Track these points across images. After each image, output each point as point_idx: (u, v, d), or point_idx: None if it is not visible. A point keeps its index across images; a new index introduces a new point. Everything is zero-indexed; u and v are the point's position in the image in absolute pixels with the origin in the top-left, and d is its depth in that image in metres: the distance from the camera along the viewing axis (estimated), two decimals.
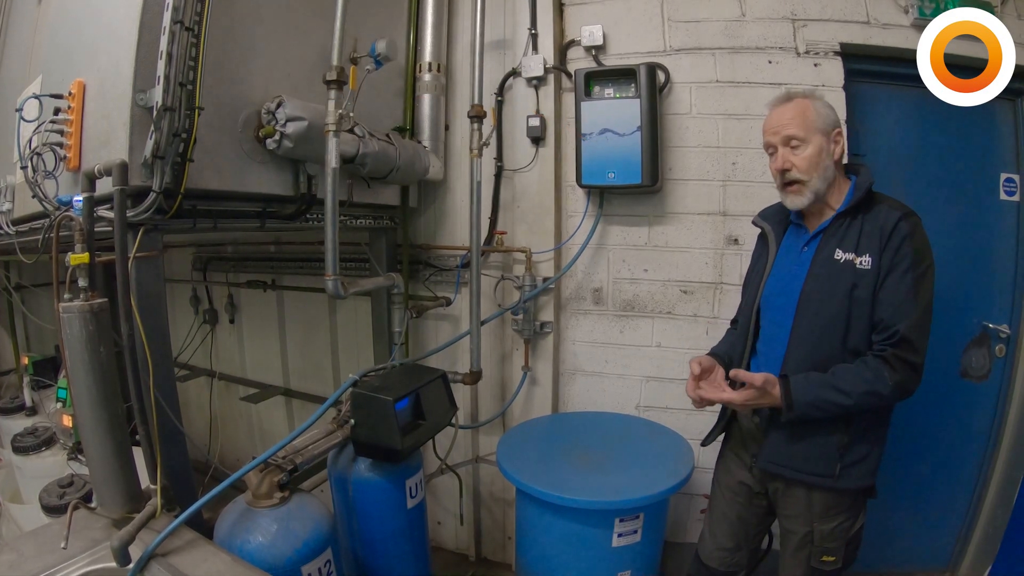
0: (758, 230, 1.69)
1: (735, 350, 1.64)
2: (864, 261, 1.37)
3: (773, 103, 1.51)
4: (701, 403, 1.50)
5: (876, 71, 2.19)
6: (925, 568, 2.44)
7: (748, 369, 1.58)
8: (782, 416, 1.39)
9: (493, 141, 2.43)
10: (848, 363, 1.38)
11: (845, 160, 1.51)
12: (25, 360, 3.08)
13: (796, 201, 1.46)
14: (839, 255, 1.41)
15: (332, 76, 1.67)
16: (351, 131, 1.83)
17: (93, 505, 1.49)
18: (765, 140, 1.50)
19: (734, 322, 1.80)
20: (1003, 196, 2.22)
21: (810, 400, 1.35)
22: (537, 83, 2.37)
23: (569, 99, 2.38)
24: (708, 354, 1.66)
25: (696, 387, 1.50)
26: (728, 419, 1.67)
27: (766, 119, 1.51)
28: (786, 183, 1.46)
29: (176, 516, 1.35)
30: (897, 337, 1.32)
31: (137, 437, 1.45)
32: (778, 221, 1.62)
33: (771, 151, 1.49)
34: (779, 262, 1.56)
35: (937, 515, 2.40)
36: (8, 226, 2.03)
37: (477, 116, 2.13)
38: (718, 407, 1.64)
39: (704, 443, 1.71)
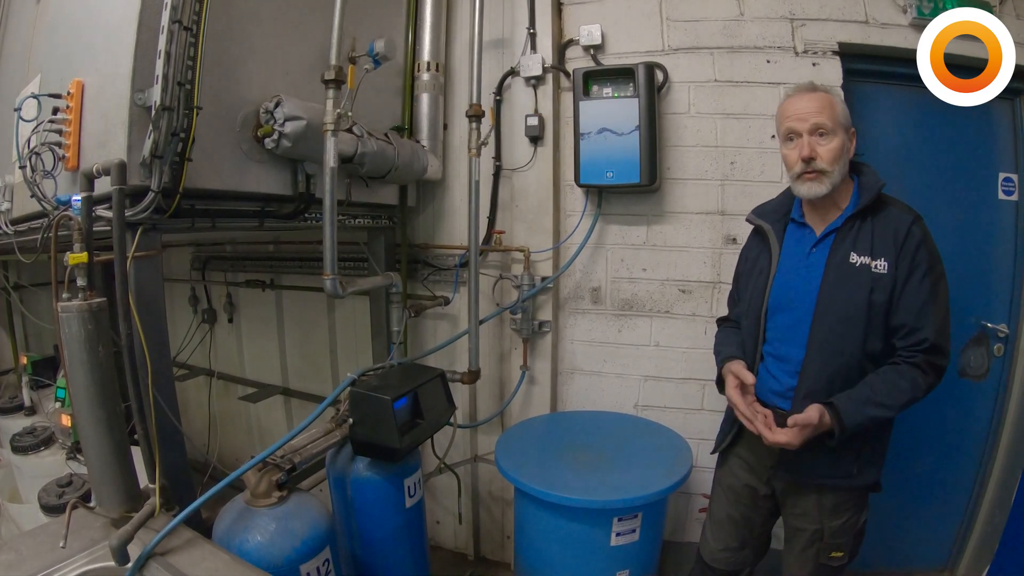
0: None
1: (744, 355, 1.58)
2: (880, 265, 1.36)
3: (795, 90, 1.47)
4: (751, 425, 1.44)
5: (874, 71, 2.19)
6: (923, 567, 2.44)
7: (756, 374, 1.53)
8: (831, 441, 1.36)
9: (491, 140, 2.42)
10: (865, 368, 1.38)
11: None
12: (24, 360, 3.08)
13: (815, 188, 1.40)
14: (855, 258, 1.39)
15: (330, 75, 1.67)
16: (349, 130, 1.83)
17: (92, 504, 1.49)
18: (787, 126, 1.43)
19: (724, 320, 1.77)
20: (1001, 196, 2.23)
21: (859, 421, 1.34)
22: (536, 82, 2.37)
23: (568, 98, 2.38)
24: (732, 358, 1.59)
25: (747, 402, 1.45)
26: (738, 426, 1.63)
27: (787, 104, 1.46)
28: (807, 171, 1.41)
29: (175, 515, 1.35)
30: (927, 344, 1.33)
31: (136, 436, 1.45)
32: (777, 219, 1.57)
33: (792, 137, 1.43)
34: (784, 263, 1.52)
35: (936, 514, 2.40)
36: (7, 226, 2.03)
37: (476, 115, 2.13)
38: (725, 407, 1.65)
39: (714, 452, 1.72)
